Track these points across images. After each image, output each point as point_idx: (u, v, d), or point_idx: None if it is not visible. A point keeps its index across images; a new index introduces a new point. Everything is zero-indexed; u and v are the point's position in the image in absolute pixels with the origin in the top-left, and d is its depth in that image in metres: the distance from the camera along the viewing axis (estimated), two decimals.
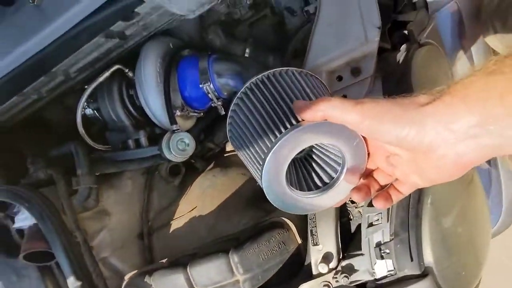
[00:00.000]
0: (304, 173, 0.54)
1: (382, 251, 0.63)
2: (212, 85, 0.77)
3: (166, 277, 0.73)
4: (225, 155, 0.99)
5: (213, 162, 0.97)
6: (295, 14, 0.79)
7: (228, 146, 0.97)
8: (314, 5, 0.75)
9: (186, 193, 0.93)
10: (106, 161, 0.83)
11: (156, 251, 0.89)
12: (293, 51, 0.78)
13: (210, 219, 0.87)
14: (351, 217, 0.71)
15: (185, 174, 0.96)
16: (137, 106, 0.82)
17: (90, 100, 0.84)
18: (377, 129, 0.42)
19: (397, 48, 0.73)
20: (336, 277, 0.65)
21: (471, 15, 0.93)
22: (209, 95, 0.79)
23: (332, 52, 0.68)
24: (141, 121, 0.84)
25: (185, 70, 0.80)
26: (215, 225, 0.86)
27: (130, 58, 0.80)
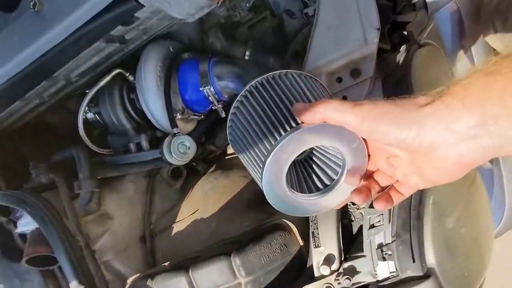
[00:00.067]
0: (305, 175, 0.54)
1: (384, 253, 0.62)
2: (213, 88, 0.78)
3: (168, 280, 0.74)
4: (226, 158, 0.99)
5: (215, 165, 0.97)
6: (294, 17, 0.80)
7: (229, 149, 0.97)
8: (313, 7, 0.75)
9: (188, 196, 0.93)
10: (108, 165, 0.84)
11: (159, 254, 0.89)
12: (293, 53, 0.78)
13: (212, 222, 0.87)
14: (353, 219, 0.71)
15: (187, 177, 0.96)
16: (138, 110, 0.82)
17: (92, 104, 0.84)
18: (377, 131, 0.42)
19: (397, 49, 0.73)
20: (338, 279, 0.65)
21: (471, 15, 0.93)
22: (210, 98, 0.79)
23: (332, 54, 0.68)
24: (142, 125, 0.84)
25: (186, 73, 0.80)
26: (217, 228, 0.86)
27: (131, 62, 0.80)
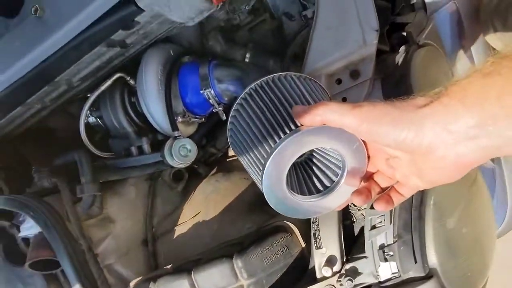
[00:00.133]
0: (305, 177, 0.54)
1: (386, 254, 0.62)
2: (213, 91, 0.78)
3: (171, 283, 0.74)
4: (228, 160, 0.99)
5: (216, 167, 0.97)
6: (293, 19, 0.80)
7: (231, 151, 0.97)
8: (312, 10, 0.75)
9: (190, 199, 0.93)
10: (110, 169, 0.84)
11: (161, 257, 0.90)
12: (292, 56, 0.78)
13: (214, 224, 0.87)
14: (354, 220, 0.71)
15: (188, 180, 0.97)
16: (139, 113, 0.83)
17: (93, 109, 0.85)
18: (376, 132, 0.42)
19: (396, 50, 0.73)
20: (340, 280, 0.65)
21: (470, 15, 0.93)
22: (210, 101, 0.79)
23: (331, 56, 0.68)
24: (144, 128, 0.84)
25: (186, 77, 0.80)
26: (219, 230, 0.86)
27: (132, 66, 0.81)
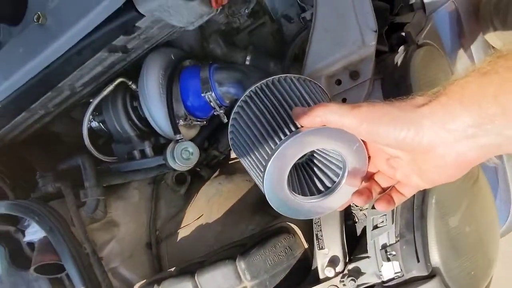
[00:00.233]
0: (306, 178, 0.54)
1: (388, 253, 0.62)
2: (214, 94, 0.78)
3: (175, 286, 0.74)
4: (230, 162, 0.99)
5: (218, 170, 0.98)
6: (292, 21, 0.80)
7: (233, 153, 0.97)
8: (310, 12, 0.75)
9: (193, 201, 0.94)
10: (113, 173, 0.85)
11: (165, 260, 0.90)
12: (292, 57, 0.78)
13: (217, 226, 0.87)
14: (356, 220, 0.71)
15: (191, 183, 0.97)
16: (142, 117, 0.83)
17: (96, 113, 0.86)
18: (376, 132, 0.43)
19: (395, 50, 0.73)
20: (343, 281, 0.65)
21: (469, 14, 0.93)
22: (211, 104, 0.80)
23: (330, 57, 0.69)
24: (146, 132, 0.85)
25: (187, 80, 0.81)
26: (222, 232, 0.86)
27: (133, 71, 0.82)
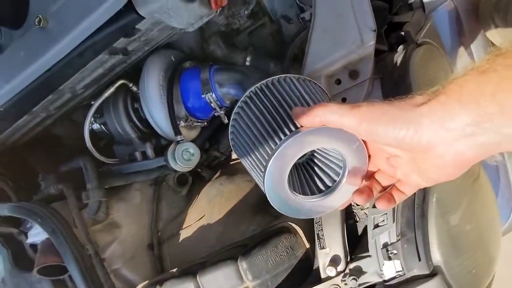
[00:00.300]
0: (307, 178, 0.54)
1: (390, 252, 0.62)
2: (214, 95, 0.79)
3: (177, 287, 0.74)
4: (231, 163, 1.00)
5: (219, 170, 0.98)
6: (292, 22, 0.81)
7: (233, 154, 0.98)
8: (309, 12, 0.76)
9: (194, 202, 0.94)
10: (114, 174, 0.85)
11: (167, 261, 0.90)
12: (292, 58, 0.79)
13: (219, 227, 0.88)
14: (357, 219, 0.71)
15: (192, 184, 0.98)
16: (142, 119, 0.84)
17: (97, 115, 0.86)
18: (375, 131, 0.43)
19: (395, 49, 0.74)
20: (345, 280, 0.65)
21: (469, 12, 0.93)
22: (212, 105, 0.80)
23: (329, 57, 0.69)
24: (147, 133, 0.85)
25: (187, 82, 0.81)
26: (224, 233, 0.86)
27: (134, 73, 0.82)
